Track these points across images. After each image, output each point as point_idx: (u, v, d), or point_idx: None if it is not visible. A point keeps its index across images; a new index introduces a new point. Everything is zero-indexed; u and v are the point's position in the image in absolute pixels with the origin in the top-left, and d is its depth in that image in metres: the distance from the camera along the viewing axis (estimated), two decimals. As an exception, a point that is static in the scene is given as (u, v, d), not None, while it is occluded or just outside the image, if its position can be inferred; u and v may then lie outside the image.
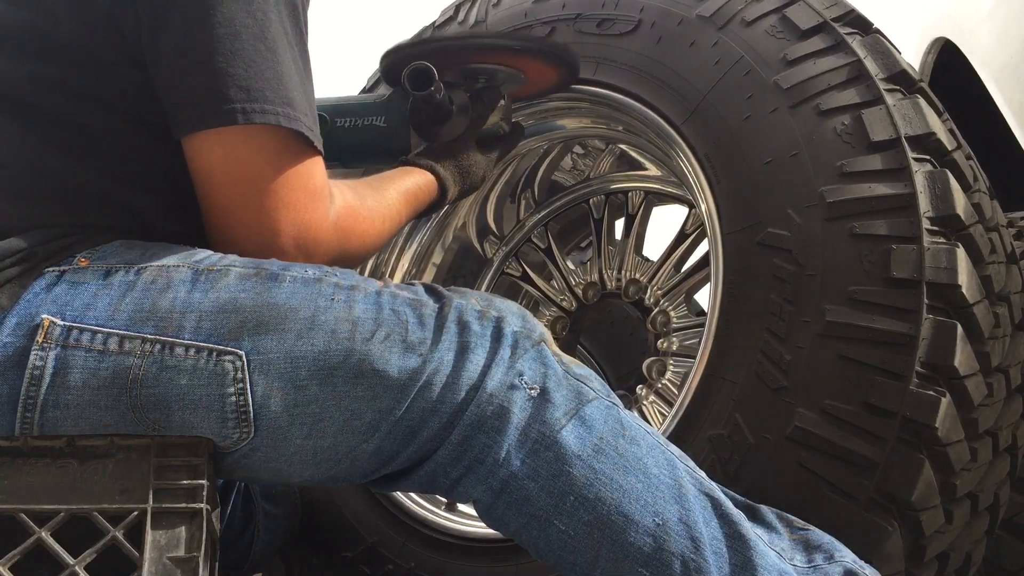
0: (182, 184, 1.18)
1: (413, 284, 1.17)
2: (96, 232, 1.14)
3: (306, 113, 1.17)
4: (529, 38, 1.55)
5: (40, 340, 1.04)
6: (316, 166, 1.20)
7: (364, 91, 1.86)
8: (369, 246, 1.30)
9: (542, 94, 1.62)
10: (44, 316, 1.05)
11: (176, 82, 1.14)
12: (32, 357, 1.04)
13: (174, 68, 1.14)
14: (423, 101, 1.44)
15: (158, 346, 1.05)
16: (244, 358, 1.05)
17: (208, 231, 1.19)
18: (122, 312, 1.06)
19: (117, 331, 1.05)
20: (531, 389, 1.11)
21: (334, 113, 1.49)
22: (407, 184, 1.42)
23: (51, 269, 1.09)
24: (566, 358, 1.17)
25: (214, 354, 1.05)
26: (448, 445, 1.10)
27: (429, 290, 1.16)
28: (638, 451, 1.12)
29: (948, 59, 2.27)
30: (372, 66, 1.87)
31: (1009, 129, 2.37)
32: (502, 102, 1.57)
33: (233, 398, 1.05)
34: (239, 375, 1.05)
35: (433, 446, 1.10)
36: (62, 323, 1.05)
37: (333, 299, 1.09)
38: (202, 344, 1.05)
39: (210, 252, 1.14)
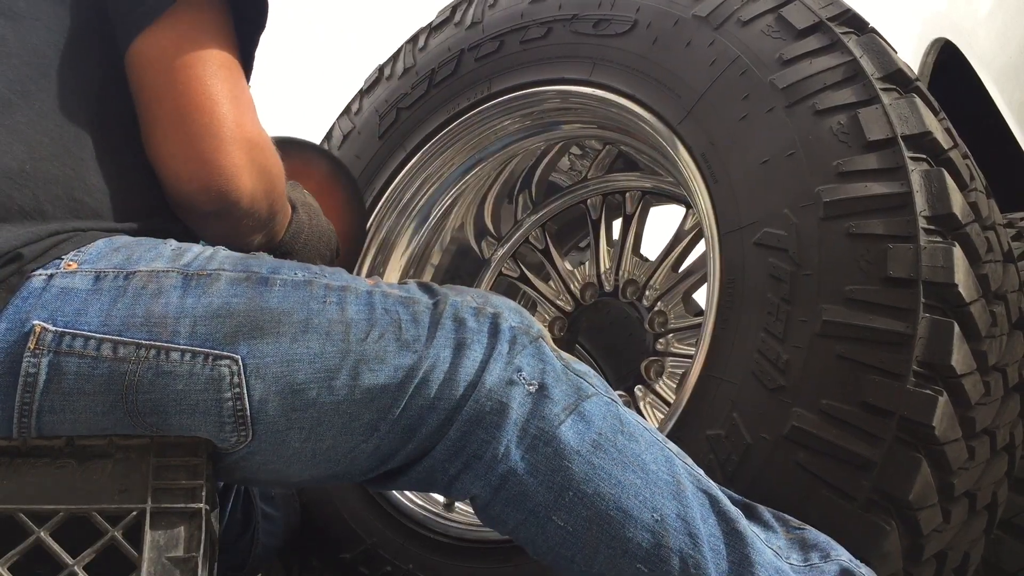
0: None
1: (406, 283, 1.16)
2: (80, 232, 1.13)
3: None
4: None
5: (32, 347, 1.03)
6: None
7: (362, 92, 1.86)
8: (268, 188, 1.27)
9: None
10: (35, 322, 1.04)
11: None
12: (25, 364, 1.03)
13: None
14: None
15: (153, 351, 1.05)
16: (240, 362, 1.05)
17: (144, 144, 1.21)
18: (114, 318, 1.05)
19: (110, 337, 1.05)
20: (529, 385, 1.10)
21: None
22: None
23: (39, 272, 1.07)
24: (564, 354, 1.16)
25: (210, 358, 1.05)
26: (446, 441, 1.10)
27: (423, 287, 1.16)
28: (636, 447, 1.12)
29: (948, 59, 2.27)
30: (371, 66, 1.88)
31: (1009, 129, 2.37)
32: None
33: (230, 403, 1.05)
34: (235, 379, 1.05)
35: (431, 443, 1.10)
36: (54, 329, 1.04)
37: (326, 301, 1.09)
38: (198, 349, 1.05)
39: (196, 253, 1.13)
